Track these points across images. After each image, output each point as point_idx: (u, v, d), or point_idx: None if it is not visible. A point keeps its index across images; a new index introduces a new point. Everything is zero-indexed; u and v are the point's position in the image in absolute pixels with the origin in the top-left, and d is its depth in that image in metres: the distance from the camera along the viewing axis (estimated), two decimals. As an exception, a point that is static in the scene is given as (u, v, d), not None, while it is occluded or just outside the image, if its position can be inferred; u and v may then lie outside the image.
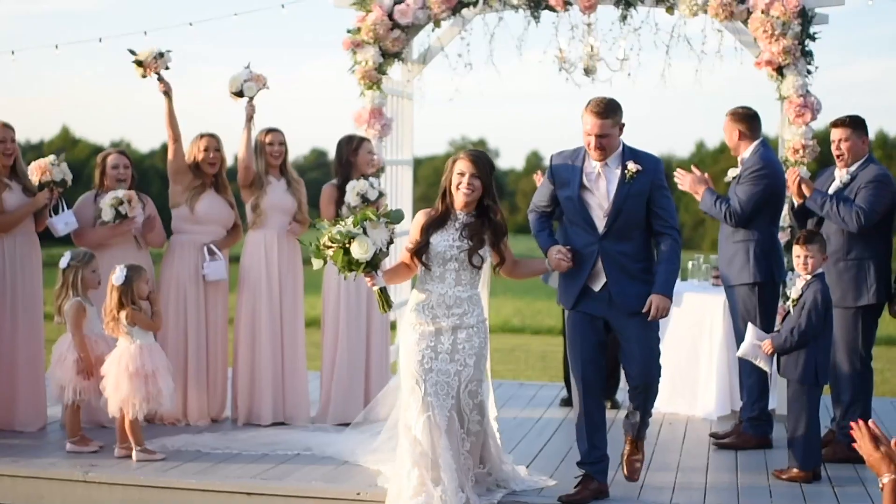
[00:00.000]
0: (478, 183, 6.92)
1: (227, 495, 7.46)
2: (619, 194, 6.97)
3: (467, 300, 6.99)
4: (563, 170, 7.16)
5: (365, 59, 10.21)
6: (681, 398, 9.92)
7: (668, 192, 7.13)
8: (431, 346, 6.95)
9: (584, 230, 7.07)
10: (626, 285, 7.02)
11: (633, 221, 7.02)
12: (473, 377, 6.96)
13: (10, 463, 7.96)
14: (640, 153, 7.11)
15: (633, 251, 7.05)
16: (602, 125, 6.91)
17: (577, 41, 10.89)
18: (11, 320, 8.96)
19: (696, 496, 7.30)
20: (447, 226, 7.01)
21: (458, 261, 6.94)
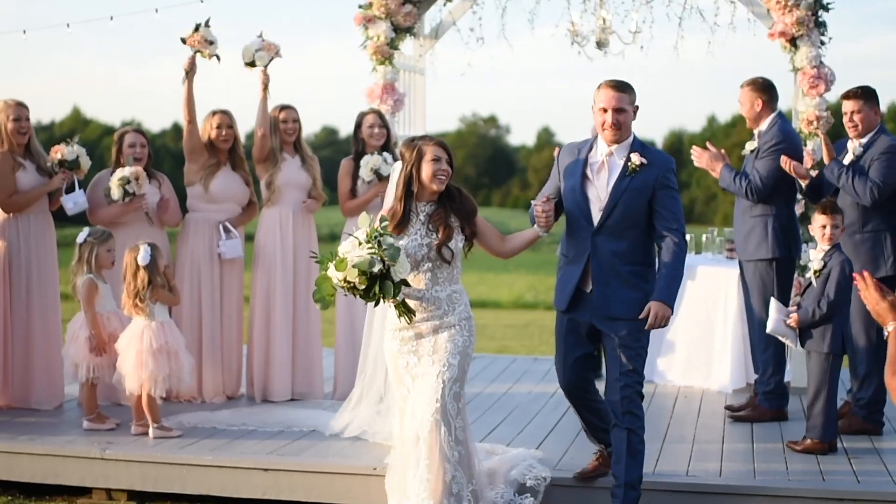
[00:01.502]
0: (449, 168, 6.54)
1: (243, 471, 7.48)
2: (618, 187, 6.54)
3: (446, 299, 6.54)
4: (569, 158, 6.79)
5: (377, 34, 10.19)
6: (695, 371, 9.91)
7: (676, 195, 6.64)
8: (413, 350, 6.53)
9: (580, 225, 6.66)
10: (611, 287, 6.55)
11: (630, 219, 6.55)
12: (456, 378, 6.47)
13: (28, 441, 8.00)
14: (651, 149, 6.73)
15: (625, 251, 6.56)
16: (619, 98, 6.55)
17: (589, 14, 10.89)
18: (27, 299, 8.99)
19: (713, 468, 7.30)
20: (412, 223, 6.55)
21: (430, 259, 6.49)
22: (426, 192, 6.52)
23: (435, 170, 6.46)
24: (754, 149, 8.56)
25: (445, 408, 6.38)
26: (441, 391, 6.39)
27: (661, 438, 8.03)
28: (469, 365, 6.60)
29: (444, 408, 6.38)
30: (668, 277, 6.51)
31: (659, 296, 6.46)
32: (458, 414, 6.45)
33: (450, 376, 6.43)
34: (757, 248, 8.52)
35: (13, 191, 8.87)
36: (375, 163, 9.16)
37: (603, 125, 6.59)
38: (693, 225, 41.12)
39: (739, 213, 8.65)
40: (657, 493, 6.93)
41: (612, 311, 6.56)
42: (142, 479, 7.66)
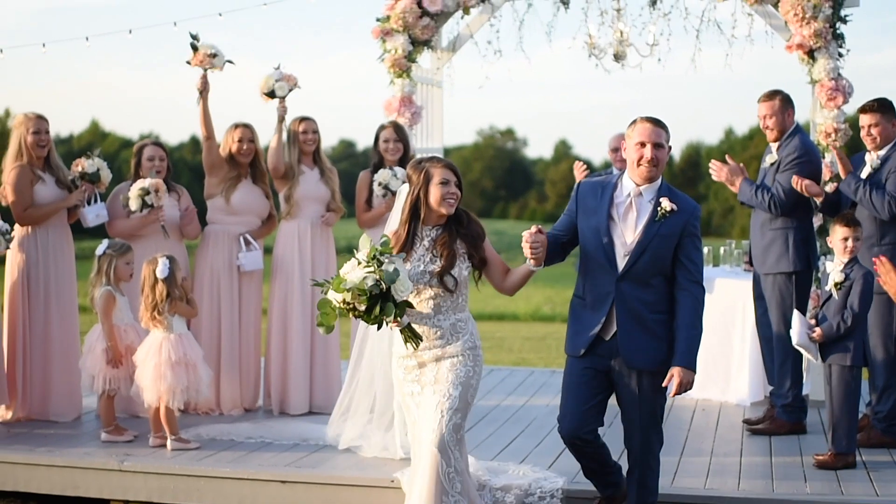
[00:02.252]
0: (459, 191, 6.25)
1: (261, 483, 7.49)
2: (648, 232, 6.20)
3: (449, 329, 6.23)
4: (591, 195, 6.39)
5: (394, 47, 10.21)
6: (713, 384, 9.89)
7: (700, 244, 6.35)
8: (416, 379, 6.30)
9: (602, 268, 6.28)
10: (637, 337, 6.23)
11: (657, 266, 6.23)
12: (457, 409, 6.17)
13: (46, 453, 8.02)
14: (679, 194, 6.37)
15: (653, 300, 6.25)
16: (658, 133, 6.23)
17: (606, 27, 10.88)
18: (45, 311, 9.03)
19: (731, 481, 7.28)
20: (416, 248, 6.26)
21: (433, 287, 6.18)
22: (433, 216, 6.25)
23: (444, 193, 6.18)
24: (774, 161, 8.54)
25: (444, 439, 6.11)
26: (439, 422, 6.13)
27: (680, 452, 8.02)
28: (473, 396, 6.29)
29: (443, 439, 6.11)
30: (691, 339, 6.20)
31: (682, 361, 6.17)
32: (457, 445, 6.17)
33: (449, 406, 6.15)
34: (778, 261, 8.50)
35: (29, 204, 8.92)
36: (384, 178, 9.17)
37: (639, 161, 6.22)
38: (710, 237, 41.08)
39: (758, 226, 8.62)
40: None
41: (635, 361, 6.25)
42: (159, 491, 7.67)
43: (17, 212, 8.92)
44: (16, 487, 7.96)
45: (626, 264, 6.21)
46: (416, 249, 6.23)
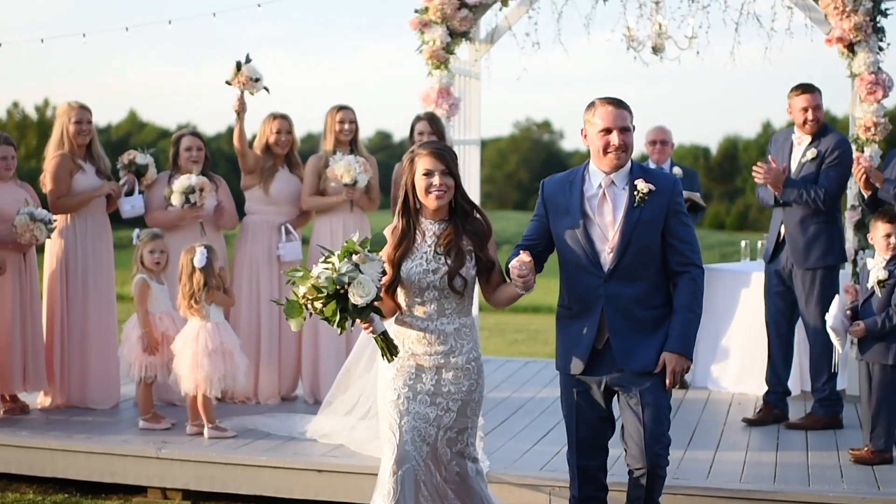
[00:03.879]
0: (450, 181, 5.63)
1: (297, 472, 7.52)
2: (629, 221, 5.68)
3: (454, 334, 5.71)
4: (559, 195, 5.85)
5: (432, 38, 10.19)
6: (750, 379, 9.84)
7: (687, 219, 5.83)
8: (410, 384, 5.71)
9: (585, 271, 5.76)
10: (632, 338, 5.75)
11: (646, 256, 5.72)
12: (455, 425, 5.73)
13: (85, 440, 8.09)
14: (652, 171, 5.88)
15: (644, 294, 5.75)
16: (623, 115, 5.71)
17: (645, 19, 10.83)
18: (83, 299, 9.10)
19: (767, 475, 7.25)
20: (416, 244, 5.71)
21: (437, 288, 5.65)
22: (429, 210, 5.72)
23: (426, 185, 5.62)
24: (815, 156, 8.48)
25: (437, 454, 5.72)
26: (435, 436, 5.70)
27: (715, 446, 7.99)
28: (474, 411, 5.83)
29: (436, 454, 5.72)
30: (685, 322, 5.72)
31: (674, 346, 5.71)
32: (451, 458, 5.75)
33: (447, 421, 5.72)
34: (824, 255, 8.46)
35: (64, 194, 9.00)
36: None
37: (606, 148, 5.70)
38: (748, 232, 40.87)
39: (796, 222, 8.53)
40: (710, 499, 6.90)
41: (634, 364, 5.74)
42: (196, 479, 7.72)
43: (51, 200, 9.01)
44: (54, 473, 8.04)
45: (611, 262, 5.70)
46: (417, 246, 5.69)
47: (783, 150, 8.68)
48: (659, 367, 5.72)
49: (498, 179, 65.72)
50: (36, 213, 8.65)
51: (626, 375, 5.77)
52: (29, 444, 8.12)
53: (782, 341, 8.80)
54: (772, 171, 8.44)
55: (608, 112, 5.71)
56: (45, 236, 8.72)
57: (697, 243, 5.85)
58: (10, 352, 8.80)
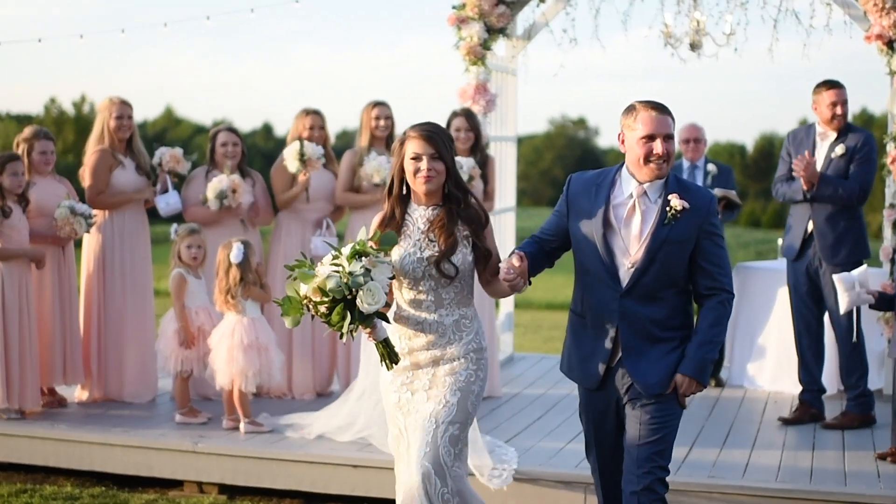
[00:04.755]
0: (439, 165, 5.29)
1: (333, 467, 7.54)
2: (656, 238, 5.23)
3: (452, 326, 5.38)
4: (584, 195, 5.41)
5: (470, 34, 10.20)
6: (786, 377, 9.79)
7: (722, 242, 5.37)
8: (407, 383, 5.44)
9: (601, 283, 5.34)
10: (647, 358, 5.33)
11: (669, 277, 5.29)
12: (455, 418, 5.31)
13: (122, 433, 8.14)
14: (689, 185, 5.38)
15: (662, 316, 5.33)
16: (668, 123, 5.25)
17: (682, 16, 10.80)
18: (121, 294, 9.15)
19: (803, 474, 7.23)
20: (406, 231, 5.40)
21: (431, 277, 5.32)
22: (420, 195, 5.41)
23: (413, 169, 5.31)
24: (844, 153, 8.45)
25: (438, 453, 5.26)
26: (433, 433, 5.28)
27: (751, 445, 7.97)
28: (475, 405, 5.43)
29: (437, 453, 5.26)
30: (704, 346, 5.29)
31: (688, 368, 5.28)
32: (454, 461, 5.31)
33: (446, 416, 5.30)
34: (852, 251, 8.45)
35: (102, 189, 9.06)
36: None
37: (648, 157, 5.22)
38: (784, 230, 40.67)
39: (825, 218, 8.50)
40: (748, 497, 6.89)
41: (646, 383, 5.31)
42: (232, 473, 7.76)
43: (90, 195, 9.06)
44: (91, 467, 8.10)
45: (630, 279, 5.28)
46: (409, 233, 5.37)
47: (805, 146, 8.63)
48: (670, 388, 5.31)
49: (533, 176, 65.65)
50: (76, 207, 8.71)
51: (638, 393, 5.34)
52: (67, 438, 8.18)
53: (813, 339, 8.76)
54: (810, 166, 8.41)
55: (651, 118, 5.22)
56: (84, 230, 8.77)
57: (730, 267, 5.43)
58: (50, 345, 8.86)
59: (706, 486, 6.98)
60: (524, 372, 10.80)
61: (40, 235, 8.75)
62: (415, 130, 5.32)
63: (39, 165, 8.93)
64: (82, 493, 7.78)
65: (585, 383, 5.52)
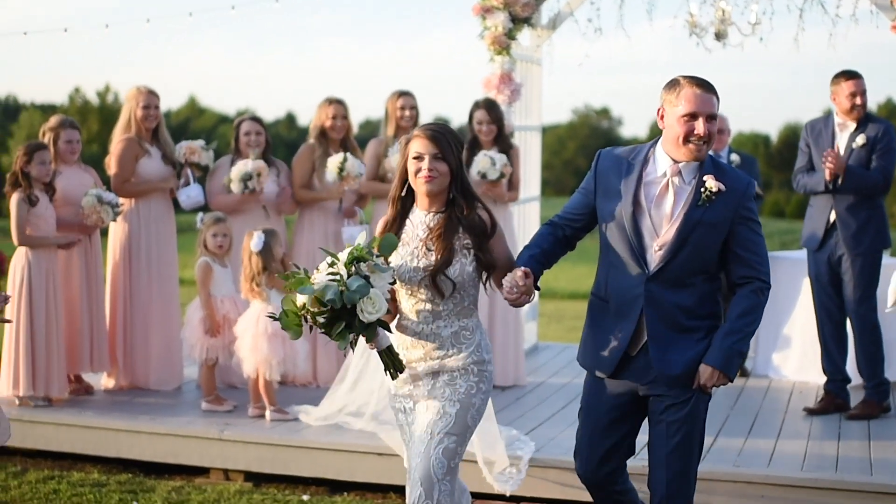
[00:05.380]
0: (443, 167, 5.02)
1: (359, 455, 7.56)
2: (689, 219, 4.96)
3: (451, 338, 5.09)
4: (614, 172, 5.14)
5: (494, 24, 10.19)
6: (811, 367, 9.76)
7: (758, 228, 5.11)
8: (409, 394, 5.22)
9: (627, 265, 5.08)
10: (673, 346, 5.06)
11: (698, 263, 5.02)
12: (452, 431, 5.04)
13: (149, 421, 8.18)
14: (727, 168, 5.13)
15: (690, 304, 5.06)
16: (712, 102, 4.99)
17: (708, 5, 10.76)
18: (147, 282, 9.19)
19: (829, 464, 7.22)
20: (404, 237, 5.14)
21: (427, 287, 5.05)
22: (423, 199, 5.14)
23: (415, 170, 5.05)
24: (864, 143, 8.43)
25: (428, 465, 5.01)
26: (427, 444, 5.04)
27: (776, 434, 7.96)
28: (474, 418, 5.15)
29: (427, 466, 5.01)
30: (734, 336, 5.01)
31: (714, 358, 5.01)
32: (445, 474, 5.02)
33: (442, 427, 5.05)
34: (873, 240, 8.47)
35: (128, 178, 9.09)
36: (483, 166, 9.05)
37: (688, 137, 4.96)
38: (808, 220, 40.47)
39: (845, 208, 8.48)
40: (772, 487, 6.88)
41: (671, 371, 5.06)
42: (258, 461, 7.79)
43: (115, 183, 9.10)
44: (119, 454, 8.14)
45: (658, 262, 5.01)
46: (407, 240, 5.11)
47: (824, 136, 8.61)
48: (696, 380, 5.06)
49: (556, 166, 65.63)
50: (103, 195, 8.76)
51: (659, 385, 5.10)
52: (94, 425, 8.23)
53: (836, 328, 8.75)
54: (839, 160, 8.38)
55: (696, 95, 4.95)
56: (110, 219, 8.81)
57: (767, 255, 5.11)
58: (77, 333, 8.91)
59: (731, 475, 6.98)
60: (548, 361, 10.81)
61: (66, 224, 8.80)
62: (420, 130, 5.10)
63: (65, 154, 8.97)
64: (109, 479, 7.82)
65: (599, 368, 5.23)
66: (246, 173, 9.05)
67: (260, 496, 7.50)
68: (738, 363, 5.07)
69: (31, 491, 7.56)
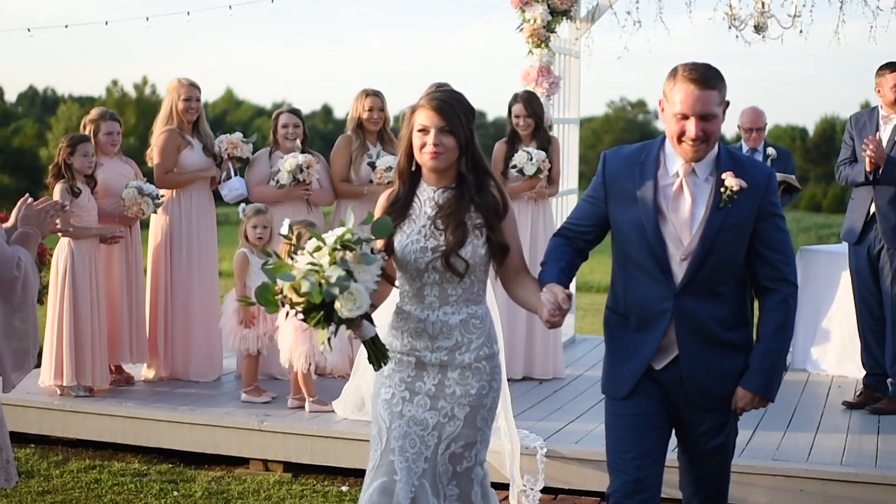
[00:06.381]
0: (449, 141, 4.58)
1: (397, 447, 7.57)
2: (712, 225, 4.49)
3: (460, 326, 4.68)
4: (625, 177, 4.65)
5: (533, 17, 10.19)
6: (850, 361, 9.74)
7: (783, 223, 4.65)
8: (408, 382, 4.72)
9: (651, 278, 4.60)
10: (709, 364, 4.60)
11: (728, 269, 4.57)
12: (461, 435, 4.67)
13: (188, 411, 8.24)
14: (745, 159, 4.66)
15: (726, 314, 4.61)
16: (706, 99, 4.43)
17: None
18: (187, 274, 9.25)
19: (868, 458, 7.19)
20: (412, 214, 4.72)
21: (438, 270, 4.62)
22: (429, 174, 4.71)
23: (420, 144, 4.61)
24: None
25: (436, 472, 4.66)
26: (434, 448, 4.66)
27: (815, 428, 7.93)
28: (485, 420, 4.75)
29: (434, 471, 4.66)
30: (769, 355, 4.59)
31: (751, 383, 4.58)
32: (451, 479, 4.70)
33: (451, 432, 4.67)
34: None
35: (170, 169, 9.15)
36: (520, 161, 9.03)
37: (680, 136, 4.51)
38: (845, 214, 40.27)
39: (886, 201, 8.44)
40: (811, 481, 6.86)
41: (708, 398, 4.64)
42: (297, 452, 7.82)
43: (158, 174, 9.16)
44: (159, 444, 8.20)
45: (686, 273, 4.54)
46: (414, 217, 4.70)
47: (868, 129, 8.56)
48: (732, 405, 4.66)
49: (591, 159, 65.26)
50: (144, 187, 8.82)
51: (691, 407, 4.68)
52: (134, 415, 8.29)
53: (876, 322, 8.71)
54: (879, 147, 8.34)
55: (689, 94, 4.44)
56: (151, 211, 8.88)
57: (793, 253, 4.67)
58: (118, 324, 8.98)
59: (770, 468, 6.96)
60: (585, 354, 10.81)
61: (108, 215, 8.86)
62: (425, 99, 4.62)
63: (106, 146, 9.03)
64: (150, 469, 7.88)
65: (614, 392, 4.74)
66: (297, 165, 9.08)
67: (299, 487, 7.53)
68: (777, 384, 4.65)
69: (72, 480, 7.63)
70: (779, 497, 6.91)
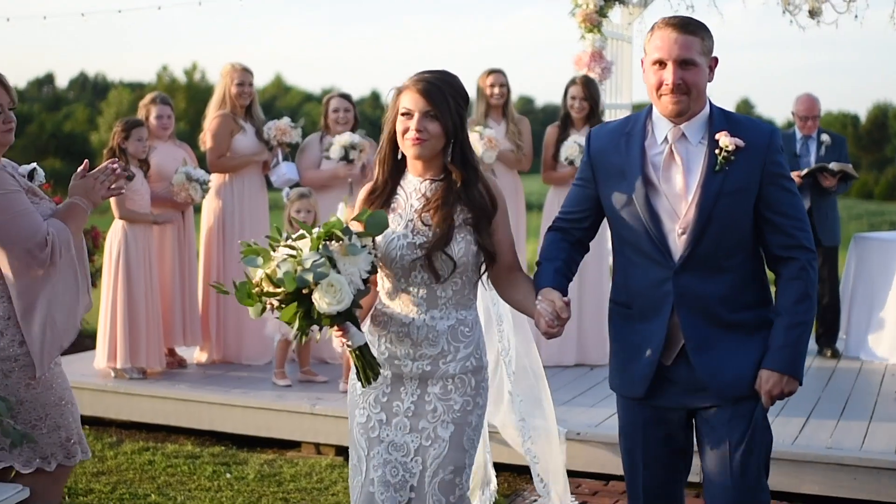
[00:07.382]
0: (434, 127, 4.11)
1: (448, 431, 7.57)
2: (708, 190, 4.05)
3: (448, 333, 4.19)
4: (611, 151, 4.23)
5: (586, 2, 10.15)
6: (905, 349, 9.70)
7: (791, 185, 4.16)
8: (384, 402, 4.24)
9: (649, 258, 4.17)
10: (719, 351, 4.15)
11: (733, 240, 4.12)
12: (448, 459, 4.17)
13: (241, 395, 8.29)
14: (741, 119, 4.18)
15: (732, 292, 4.15)
16: (684, 43, 4.02)
17: (803, -18, 10.65)
18: (239, 258, 9.26)
19: (923, 447, 7.15)
20: (396, 207, 4.25)
21: (424, 269, 4.15)
22: (414, 163, 4.24)
23: (402, 129, 4.15)
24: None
25: (424, 500, 4.19)
26: (419, 475, 4.19)
27: (868, 417, 7.87)
28: (472, 440, 4.25)
29: (424, 500, 4.18)
30: (791, 330, 4.11)
31: (774, 362, 4.11)
32: None
33: (436, 455, 4.18)
34: None
35: (223, 153, 9.19)
36: (570, 153, 8.99)
37: (658, 87, 4.08)
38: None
39: None
40: (867, 469, 6.81)
41: (722, 383, 4.15)
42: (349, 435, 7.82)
43: (211, 158, 9.21)
44: (212, 426, 8.26)
45: (684, 248, 4.11)
46: (399, 211, 4.22)
47: None
48: (757, 386, 4.17)
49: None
50: (193, 173, 8.87)
51: (710, 397, 4.21)
52: (188, 398, 8.36)
53: None
54: None
55: (666, 38, 4.04)
56: (199, 197, 8.93)
57: (806, 217, 4.20)
58: (171, 307, 9.05)
59: (824, 457, 6.91)
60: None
61: (160, 199, 8.93)
62: (412, 79, 4.17)
63: (157, 130, 9.10)
64: (202, 451, 7.94)
65: (628, 391, 4.34)
66: (350, 143, 9.08)
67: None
68: (802, 361, 4.18)
69: (126, 462, 7.70)
70: (832, 486, 6.86)
